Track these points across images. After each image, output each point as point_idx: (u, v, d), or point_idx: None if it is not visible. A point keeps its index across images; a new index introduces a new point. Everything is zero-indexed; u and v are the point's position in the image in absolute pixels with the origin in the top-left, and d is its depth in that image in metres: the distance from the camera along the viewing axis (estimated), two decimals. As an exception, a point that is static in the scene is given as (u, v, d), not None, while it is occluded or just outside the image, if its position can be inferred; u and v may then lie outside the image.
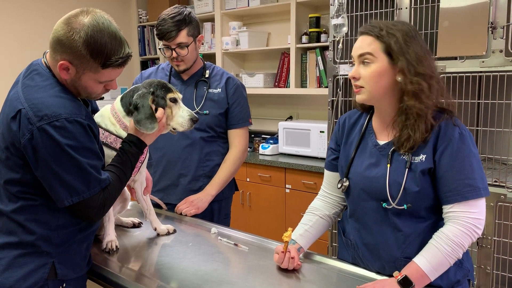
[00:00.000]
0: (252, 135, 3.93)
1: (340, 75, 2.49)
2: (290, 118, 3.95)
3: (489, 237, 2.06)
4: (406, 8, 2.29)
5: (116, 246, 1.61)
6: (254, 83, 3.91)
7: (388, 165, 1.35)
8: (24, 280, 1.27)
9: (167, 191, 2.15)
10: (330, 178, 1.58)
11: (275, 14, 3.97)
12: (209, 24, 4.22)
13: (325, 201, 1.59)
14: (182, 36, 1.97)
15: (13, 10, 3.91)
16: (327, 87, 2.61)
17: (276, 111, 4.12)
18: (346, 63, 2.45)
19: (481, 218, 1.28)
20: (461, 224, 1.27)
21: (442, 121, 1.31)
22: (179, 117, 1.55)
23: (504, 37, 1.96)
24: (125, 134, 1.48)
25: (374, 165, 1.40)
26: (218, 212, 2.18)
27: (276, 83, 3.89)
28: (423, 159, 1.31)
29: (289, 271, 1.44)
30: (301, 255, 1.53)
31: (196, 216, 2.00)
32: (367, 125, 1.47)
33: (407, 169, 1.32)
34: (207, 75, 2.13)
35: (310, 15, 3.51)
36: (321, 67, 3.48)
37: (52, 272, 1.31)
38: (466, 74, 2.08)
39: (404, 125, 1.32)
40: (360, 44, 1.35)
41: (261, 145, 3.74)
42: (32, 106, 1.22)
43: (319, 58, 3.49)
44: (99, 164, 1.32)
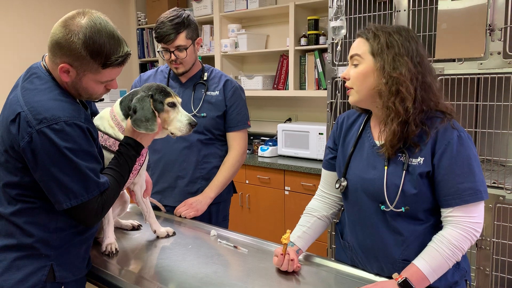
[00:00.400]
0: (251, 137, 3.94)
1: (339, 77, 2.49)
2: (289, 120, 3.96)
3: (488, 239, 2.06)
4: (405, 11, 2.30)
5: (116, 249, 1.61)
6: (253, 85, 3.91)
7: (386, 167, 1.35)
8: (23, 283, 1.27)
9: (165, 193, 2.15)
10: (328, 178, 1.58)
11: (274, 17, 3.97)
12: (208, 27, 4.23)
13: (323, 201, 1.59)
14: (181, 39, 1.97)
15: (12, 14, 3.91)
16: (326, 89, 2.61)
17: (275, 113, 4.13)
18: (345, 65, 2.45)
19: (481, 222, 1.28)
20: (462, 228, 1.27)
21: (440, 124, 1.30)
22: (177, 122, 1.54)
23: (502, 39, 1.96)
24: (124, 137, 1.48)
25: (372, 167, 1.39)
26: (216, 215, 2.18)
27: (275, 85, 3.89)
28: (421, 162, 1.30)
29: (289, 273, 1.44)
30: (301, 257, 1.53)
31: (195, 219, 2.00)
32: (365, 126, 1.47)
33: (404, 172, 1.32)
34: (205, 78, 2.14)
35: (309, 18, 3.52)
36: (320, 69, 3.49)
37: (51, 275, 1.31)
38: (465, 76, 2.09)
39: (386, 127, 1.33)
40: (353, 46, 1.38)
41: (260, 147, 3.74)
42: (32, 109, 1.22)
43: (318, 60, 3.49)
44: (98, 168, 1.31)
